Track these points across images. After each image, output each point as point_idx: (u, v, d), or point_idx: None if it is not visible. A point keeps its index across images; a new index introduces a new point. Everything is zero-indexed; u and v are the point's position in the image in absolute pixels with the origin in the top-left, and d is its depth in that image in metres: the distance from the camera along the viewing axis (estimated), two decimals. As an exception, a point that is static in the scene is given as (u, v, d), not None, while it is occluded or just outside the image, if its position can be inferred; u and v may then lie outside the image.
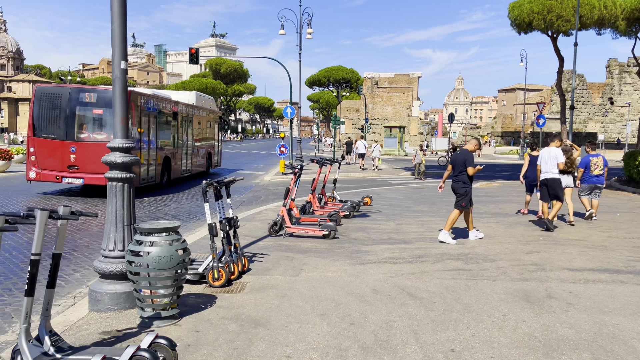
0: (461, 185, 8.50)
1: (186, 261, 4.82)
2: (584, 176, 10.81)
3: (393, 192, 16.86)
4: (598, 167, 10.68)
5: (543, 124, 22.64)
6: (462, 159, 8.48)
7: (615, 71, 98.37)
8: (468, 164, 8.41)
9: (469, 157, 8.49)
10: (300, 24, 30.55)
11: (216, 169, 25.06)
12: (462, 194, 8.44)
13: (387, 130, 47.13)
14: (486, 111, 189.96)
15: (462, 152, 8.63)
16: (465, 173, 8.40)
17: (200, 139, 21.28)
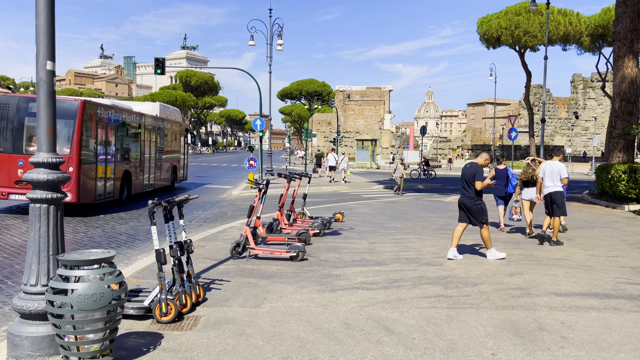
0: (473, 203, 8.17)
1: (122, 298, 4.04)
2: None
3: (366, 206, 16.27)
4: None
5: (515, 137, 22.57)
6: (472, 173, 8.15)
7: (579, 86, 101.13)
8: (477, 178, 8.07)
9: (479, 171, 8.14)
10: (271, 35, 30.00)
11: (182, 184, 24.12)
12: (479, 211, 8.14)
13: (359, 143, 46.80)
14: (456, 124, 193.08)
15: (472, 166, 8.24)
16: (474, 188, 8.11)
17: (164, 152, 20.36)
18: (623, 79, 18.54)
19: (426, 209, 15.86)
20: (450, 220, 13.07)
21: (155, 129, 19.15)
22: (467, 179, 8.16)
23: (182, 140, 23.12)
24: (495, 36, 59.42)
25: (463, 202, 8.28)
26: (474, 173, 8.12)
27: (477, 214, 8.13)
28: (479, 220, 8.14)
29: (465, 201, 8.23)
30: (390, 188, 25.50)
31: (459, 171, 45.81)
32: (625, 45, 18.42)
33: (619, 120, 18.75)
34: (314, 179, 28.03)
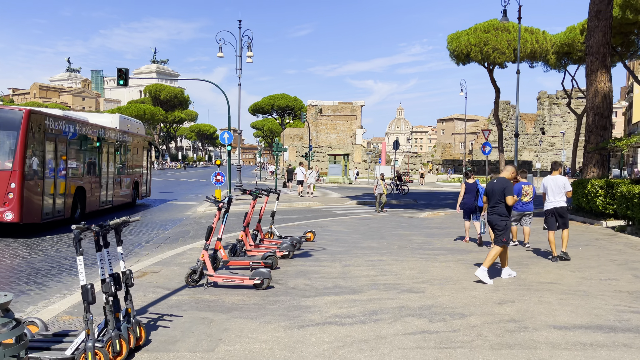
0: (500, 219, 7.77)
1: (21, 357, 3.07)
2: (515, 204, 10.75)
3: (338, 224, 15.43)
4: (528, 194, 10.84)
5: (489, 151, 22.22)
6: (501, 188, 7.78)
7: (545, 103, 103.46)
8: (507, 193, 7.71)
9: (508, 185, 7.79)
10: (240, 47, 29.16)
11: (145, 200, 22.88)
12: (503, 228, 7.72)
13: (331, 157, 46.17)
14: (426, 140, 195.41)
15: (500, 181, 7.85)
16: (504, 204, 7.74)
17: (124, 167, 19.22)
18: (596, 93, 18.35)
19: (401, 226, 15.13)
20: (427, 238, 12.36)
21: (115, 142, 18.04)
22: (497, 194, 7.79)
23: (144, 154, 22.01)
24: (464, 52, 59.96)
25: (490, 220, 7.94)
26: (503, 188, 7.75)
27: (500, 232, 7.75)
28: (500, 238, 7.75)
29: (493, 218, 7.85)
30: (363, 204, 24.79)
31: (431, 186, 45.38)
32: (597, 59, 18.26)
33: (593, 135, 18.51)
34: (284, 194, 27.14)
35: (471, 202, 11.38)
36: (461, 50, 60.44)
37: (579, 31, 56.79)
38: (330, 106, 71.17)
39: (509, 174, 8.02)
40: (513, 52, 59.62)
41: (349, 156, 48.20)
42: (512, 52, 59.58)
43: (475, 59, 60.84)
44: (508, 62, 61.09)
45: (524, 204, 10.78)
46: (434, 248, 10.85)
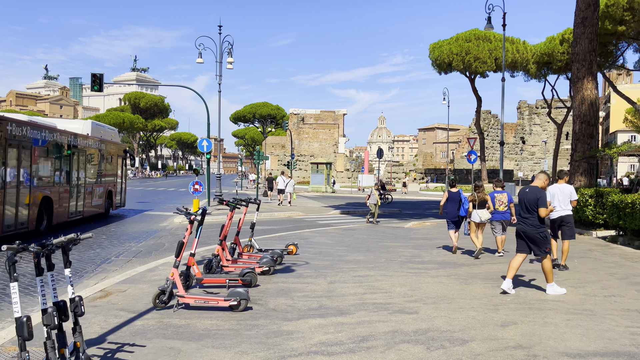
0: (537, 231, 7.37)
1: None
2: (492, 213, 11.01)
3: (322, 235, 14.76)
4: (503, 203, 10.83)
5: (474, 160, 21.81)
6: (534, 198, 7.37)
7: (525, 112, 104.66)
8: (541, 204, 7.32)
9: (542, 196, 7.40)
10: (220, 53, 28.48)
11: (119, 210, 22.00)
12: (542, 239, 7.35)
13: (313, 166, 45.55)
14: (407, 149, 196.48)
15: (534, 190, 7.46)
16: (537, 214, 7.34)
17: (96, 175, 18.37)
18: (583, 100, 18.08)
19: (387, 237, 14.52)
20: (416, 250, 11.77)
21: (86, 149, 17.19)
22: (529, 205, 7.38)
23: (119, 163, 21.15)
24: (446, 62, 60.22)
25: (524, 231, 7.44)
26: (537, 198, 7.35)
27: (542, 243, 7.34)
28: (543, 249, 7.36)
29: (528, 230, 7.38)
30: (347, 213, 24.18)
31: (414, 195, 45.01)
32: (584, 66, 18.01)
33: (580, 143, 18.22)
34: (265, 204, 26.39)
35: (454, 211, 11.24)
36: (443, 59, 60.73)
37: (558, 41, 57.44)
38: (312, 115, 70.71)
39: (542, 182, 7.63)
40: (494, 62, 60.15)
41: (331, 165, 47.66)
42: (494, 62, 60.09)
43: (457, 68, 61.17)
44: (489, 71, 61.58)
45: (499, 213, 10.78)
46: (423, 261, 10.25)
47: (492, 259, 10.58)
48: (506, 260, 10.34)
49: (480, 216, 10.64)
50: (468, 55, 59.04)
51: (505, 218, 10.85)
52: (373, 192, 18.85)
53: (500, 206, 10.79)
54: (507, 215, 10.83)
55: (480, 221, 10.70)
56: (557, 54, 56.74)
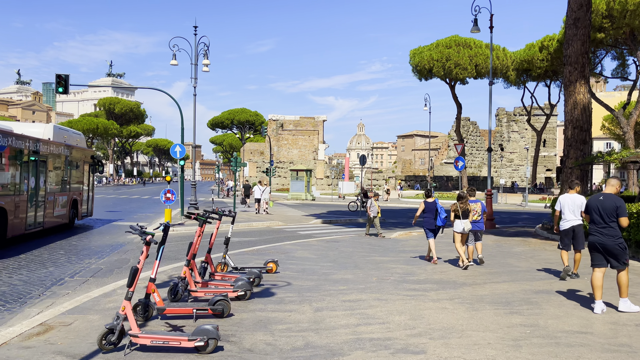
0: (616, 242, 6.78)
1: None
2: None
3: (304, 248, 13.59)
4: (476, 212, 10.80)
5: (462, 166, 20.89)
6: (613, 206, 6.78)
7: (503, 119, 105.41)
8: (621, 212, 6.75)
9: (622, 204, 6.78)
10: (196, 54, 27.21)
11: (86, 220, 20.60)
12: (622, 251, 6.78)
13: (293, 173, 44.36)
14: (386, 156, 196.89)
15: (610, 198, 6.84)
16: (617, 224, 6.79)
17: (60, 183, 16.99)
18: (575, 105, 17.37)
19: (375, 250, 13.44)
20: (408, 266, 10.69)
21: (47, 155, 15.81)
22: (606, 213, 6.78)
23: (85, 169, 19.78)
24: (427, 68, 59.77)
25: (601, 243, 6.84)
26: (616, 206, 6.76)
27: (621, 255, 6.81)
28: (622, 261, 6.83)
29: (606, 241, 6.80)
30: (329, 223, 23.07)
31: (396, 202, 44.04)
32: (576, 69, 17.31)
33: (572, 149, 17.49)
34: (242, 213, 25.09)
35: (431, 221, 11.18)
36: (423, 65, 60.27)
37: (538, 48, 57.67)
38: (291, 121, 69.63)
39: (615, 188, 7.00)
40: (475, 68, 59.91)
41: (311, 172, 46.55)
42: (474, 68, 59.85)
43: (438, 74, 60.77)
44: (470, 77, 61.32)
45: (473, 222, 10.69)
46: (419, 280, 9.17)
47: (494, 277, 9.57)
48: (510, 278, 9.34)
49: (464, 226, 10.41)
50: (449, 61, 58.70)
51: (478, 228, 10.78)
52: (373, 203, 16.80)
53: (474, 215, 10.71)
54: (480, 225, 10.78)
55: (463, 231, 10.45)
56: (537, 60, 56.97)
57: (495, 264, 11.12)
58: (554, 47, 54.48)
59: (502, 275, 9.73)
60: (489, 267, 10.57)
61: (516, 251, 13.46)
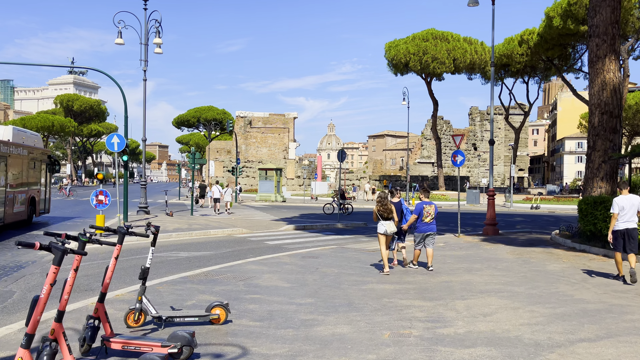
0: None
1: None
2: (417, 224, 10.47)
3: (272, 269, 9.96)
4: (430, 215, 10.34)
5: (462, 162, 17.60)
6: None
7: (477, 118, 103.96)
8: None
9: None
10: (146, 32, 23.27)
11: (42, 217, 21.24)
12: None
13: (261, 172, 40.51)
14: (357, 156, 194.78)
15: None
16: None
17: (18, 182, 17.73)
18: (603, 85, 14.27)
19: (367, 271, 9.94)
20: (429, 303, 7.16)
21: (7, 156, 16.65)
22: None
23: (42, 169, 20.53)
24: (403, 62, 56.82)
25: None
26: None
27: None
28: None
29: None
30: (303, 229, 19.46)
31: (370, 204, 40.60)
32: (605, 42, 14.22)
33: (600, 139, 14.39)
34: (200, 218, 21.14)
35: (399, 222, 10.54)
36: (399, 59, 57.21)
37: (517, 42, 55.32)
38: (260, 118, 65.73)
39: None
40: (452, 62, 57.21)
41: (281, 171, 42.80)
42: (452, 62, 57.16)
43: (414, 68, 57.81)
44: (447, 72, 58.62)
45: (426, 225, 10.29)
46: (458, 336, 5.65)
47: (577, 329, 6.15)
48: (603, 331, 5.94)
49: (386, 228, 9.73)
50: (426, 55, 55.87)
51: (431, 230, 10.34)
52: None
53: (427, 217, 10.25)
54: (432, 227, 10.33)
55: (386, 233, 9.76)
56: (516, 55, 54.63)
57: (548, 295, 7.74)
58: (534, 41, 52.25)
59: (584, 326, 6.30)
60: (548, 305, 7.16)
61: (553, 270, 10.16)
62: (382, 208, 9.76)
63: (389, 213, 9.79)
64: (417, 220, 10.43)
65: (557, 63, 53.79)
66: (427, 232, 10.35)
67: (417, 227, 10.49)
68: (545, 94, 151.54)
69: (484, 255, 12.33)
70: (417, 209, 10.34)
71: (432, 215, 10.32)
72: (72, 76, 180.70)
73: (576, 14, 44.83)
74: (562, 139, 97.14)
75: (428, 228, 10.33)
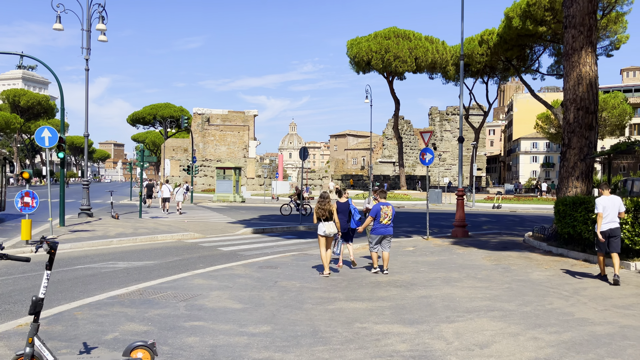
0: None
1: None
2: (374, 226, 10.01)
3: (223, 284, 8.53)
4: (387, 216, 9.89)
5: (431, 160, 16.60)
6: None
7: (436, 118, 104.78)
8: None
9: None
10: (88, 17, 21.26)
11: None
12: None
13: (219, 171, 38.67)
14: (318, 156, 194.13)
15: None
16: None
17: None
18: (579, 80, 13.50)
19: (332, 284, 8.66)
20: (410, 329, 5.90)
21: None
22: None
23: None
24: (365, 60, 56.06)
25: None
26: None
27: None
28: None
29: None
30: (262, 232, 18.03)
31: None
32: (582, 33, 13.45)
33: (576, 137, 13.61)
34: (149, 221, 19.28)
35: (344, 223, 10.36)
36: (362, 57, 56.40)
37: (477, 42, 55.41)
38: (219, 115, 63.58)
39: None
40: (414, 61, 56.80)
41: (240, 170, 41.07)
42: (414, 61, 56.75)
43: (376, 67, 57.12)
44: (409, 71, 58.18)
45: (383, 227, 9.90)
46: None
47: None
48: None
49: (325, 229, 9.47)
50: (388, 53, 55.25)
51: (388, 232, 9.95)
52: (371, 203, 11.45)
53: (385, 219, 9.82)
54: (389, 230, 9.94)
55: (324, 234, 9.49)
56: (477, 55, 54.73)
57: (545, 314, 6.64)
58: (494, 42, 52.44)
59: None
60: (550, 329, 6.04)
61: (538, 280, 9.16)
62: (321, 209, 9.45)
63: (329, 214, 9.46)
64: (374, 222, 9.98)
65: (515, 64, 54.20)
66: (384, 235, 9.92)
67: (373, 229, 10.07)
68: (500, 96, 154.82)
69: (459, 262, 11.27)
70: (373, 211, 9.90)
71: (389, 217, 9.88)
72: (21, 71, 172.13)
73: (535, 14, 45.07)
74: (517, 140, 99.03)
75: (385, 230, 9.91)
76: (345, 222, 10.43)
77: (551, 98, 70.26)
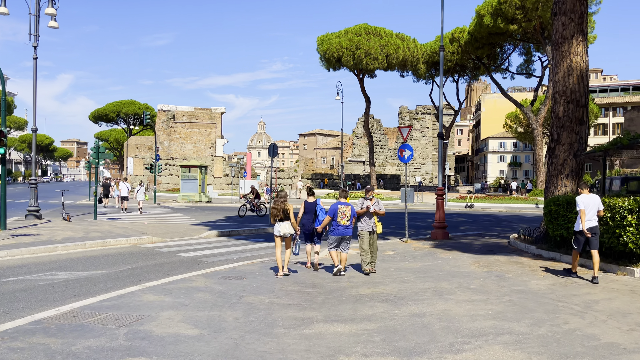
0: None
1: None
2: (333, 226, 9.65)
3: (178, 300, 7.17)
4: (345, 216, 9.48)
5: (410, 157, 15.47)
6: None
7: (406, 117, 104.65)
8: None
9: None
10: (37, 2, 19.40)
11: None
12: None
13: (184, 170, 36.86)
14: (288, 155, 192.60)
15: None
16: None
17: None
18: (570, 71, 12.62)
19: (307, 298, 7.42)
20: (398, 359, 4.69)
21: None
22: None
23: None
24: (336, 56, 54.92)
25: None
26: None
27: None
28: None
29: None
30: (227, 235, 16.61)
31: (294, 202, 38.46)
32: (573, 20, 12.57)
33: (566, 132, 12.73)
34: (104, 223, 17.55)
35: (310, 223, 10.11)
36: (332, 53, 55.20)
37: (448, 40, 55.02)
38: (185, 112, 61.48)
39: None
40: (385, 59, 55.95)
41: (206, 168, 39.35)
42: (385, 59, 55.90)
43: (347, 64, 56.04)
44: (380, 69, 57.32)
45: (343, 227, 9.52)
46: None
47: None
48: None
49: (280, 229, 9.26)
50: (359, 50, 54.25)
51: (347, 233, 9.59)
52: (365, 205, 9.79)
53: (343, 219, 9.50)
54: (349, 231, 9.58)
55: (280, 234, 9.29)
56: (447, 53, 54.29)
57: (566, 337, 5.55)
58: (464, 40, 52.13)
59: None
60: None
61: (539, 290, 8.12)
62: (275, 208, 9.23)
63: (283, 214, 9.22)
64: (332, 222, 9.67)
65: (486, 62, 54.07)
66: (343, 236, 9.58)
67: (331, 230, 9.78)
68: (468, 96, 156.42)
69: (445, 268, 10.18)
70: (330, 210, 9.62)
71: (347, 217, 9.52)
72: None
73: (506, 13, 44.86)
74: (485, 139, 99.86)
75: (344, 232, 9.56)
76: (311, 222, 10.13)
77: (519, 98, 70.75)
